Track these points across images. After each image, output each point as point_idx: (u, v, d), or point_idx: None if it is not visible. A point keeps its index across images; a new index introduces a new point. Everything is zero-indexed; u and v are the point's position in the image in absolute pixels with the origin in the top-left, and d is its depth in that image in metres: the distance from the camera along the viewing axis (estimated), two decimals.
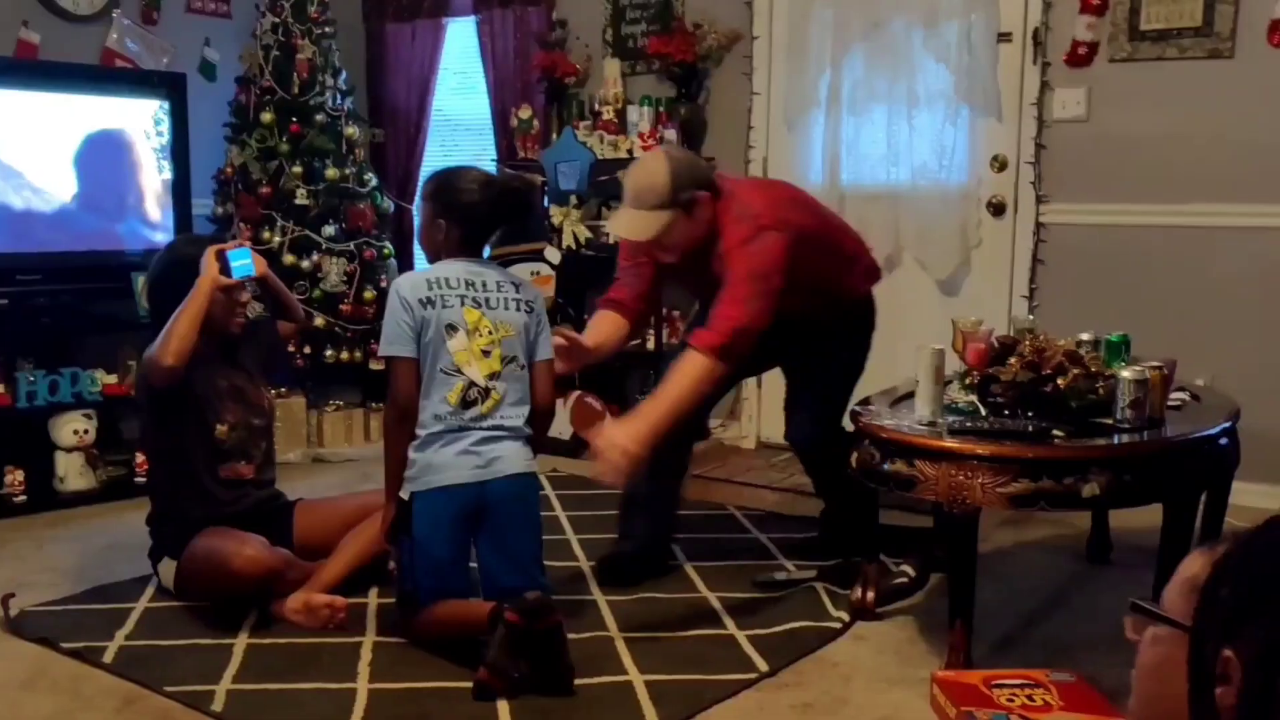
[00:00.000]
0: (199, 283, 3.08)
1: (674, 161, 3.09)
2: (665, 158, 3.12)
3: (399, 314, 2.83)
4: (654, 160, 3.13)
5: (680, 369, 2.95)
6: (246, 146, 5.02)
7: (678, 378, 2.94)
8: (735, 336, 2.94)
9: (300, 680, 2.69)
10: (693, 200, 3.06)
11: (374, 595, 3.22)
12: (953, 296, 4.61)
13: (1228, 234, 4.12)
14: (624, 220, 3.14)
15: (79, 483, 4.29)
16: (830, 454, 3.30)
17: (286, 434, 4.93)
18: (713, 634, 2.97)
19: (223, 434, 3.19)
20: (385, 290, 5.11)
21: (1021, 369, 2.76)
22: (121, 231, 4.61)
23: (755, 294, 2.97)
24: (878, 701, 2.61)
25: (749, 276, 2.99)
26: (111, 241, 4.57)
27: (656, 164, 3.09)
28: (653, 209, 3.04)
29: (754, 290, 2.98)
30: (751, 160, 4.98)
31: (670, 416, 2.88)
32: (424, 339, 2.82)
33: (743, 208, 3.09)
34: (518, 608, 2.54)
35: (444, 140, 6.01)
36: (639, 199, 3.07)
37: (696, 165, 3.19)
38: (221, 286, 3.12)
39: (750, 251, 3.00)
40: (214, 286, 3.10)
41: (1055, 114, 4.36)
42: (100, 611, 3.11)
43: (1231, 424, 2.88)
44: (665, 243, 3.10)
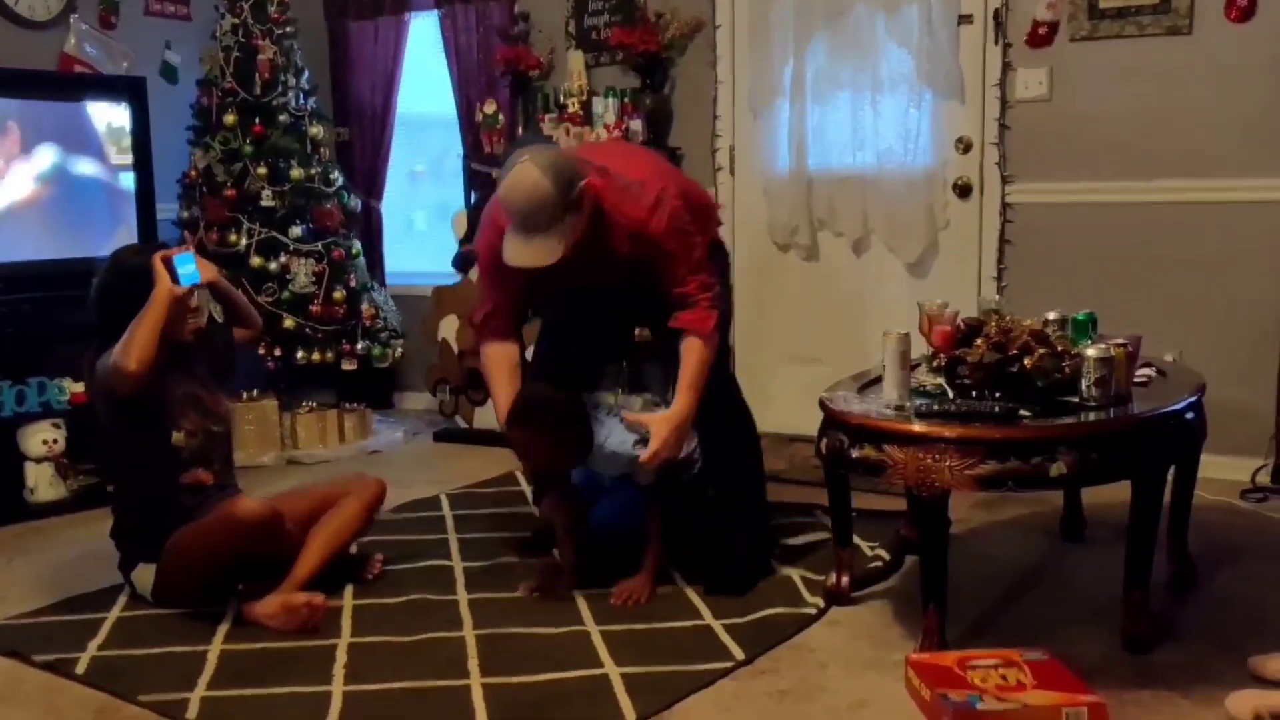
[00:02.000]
0: (155, 292, 3.05)
1: (547, 165, 2.89)
2: (538, 168, 2.87)
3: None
4: (529, 174, 2.87)
5: (695, 355, 3.05)
6: (210, 149, 4.98)
7: (696, 363, 3.06)
8: (718, 305, 3.07)
9: (275, 685, 2.67)
10: (580, 195, 2.92)
11: (348, 595, 3.21)
12: (922, 279, 4.62)
13: (1191, 209, 4.14)
14: (526, 249, 2.90)
15: (49, 493, 4.26)
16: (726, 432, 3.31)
17: (259, 437, 4.91)
18: (689, 624, 2.98)
19: (180, 441, 3.17)
20: (354, 289, 5.10)
21: (988, 350, 2.77)
22: (86, 239, 4.57)
23: (698, 261, 3.07)
24: (853, 686, 2.61)
25: (681, 247, 3.04)
26: (76, 249, 4.52)
27: (534, 176, 2.86)
28: (549, 227, 2.87)
29: (694, 258, 3.06)
30: (718, 148, 4.98)
31: (700, 395, 3.07)
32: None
33: (622, 180, 3.06)
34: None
35: (410, 137, 5.98)
36: (531, 221, 2.88)
37: (567, 159, 3.02)
38: (176, 295, 3.09)
39: (668, 230, 3.02)
40: (170, 295, 3.07)
41: (1018, 94, 4.37)
42: (72, 623, 3.08)
43: (1197, 398, 2.90)
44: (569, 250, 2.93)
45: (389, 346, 5.29)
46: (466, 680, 2.67)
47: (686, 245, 3.06)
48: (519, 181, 2.89)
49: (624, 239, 3.04)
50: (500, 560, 3.50)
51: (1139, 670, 2.62)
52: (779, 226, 4.87)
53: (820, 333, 4.82)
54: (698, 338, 3.06)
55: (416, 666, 2.75)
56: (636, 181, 3.07)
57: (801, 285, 4.87)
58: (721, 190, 4.93)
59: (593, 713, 2.49)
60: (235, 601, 3.16)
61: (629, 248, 3.04)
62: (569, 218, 2.90)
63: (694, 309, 3.06)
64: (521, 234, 2.91)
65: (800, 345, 4.81)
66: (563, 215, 2.89)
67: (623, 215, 3.02)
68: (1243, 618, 2.91)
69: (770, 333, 3.43)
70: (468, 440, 5.14)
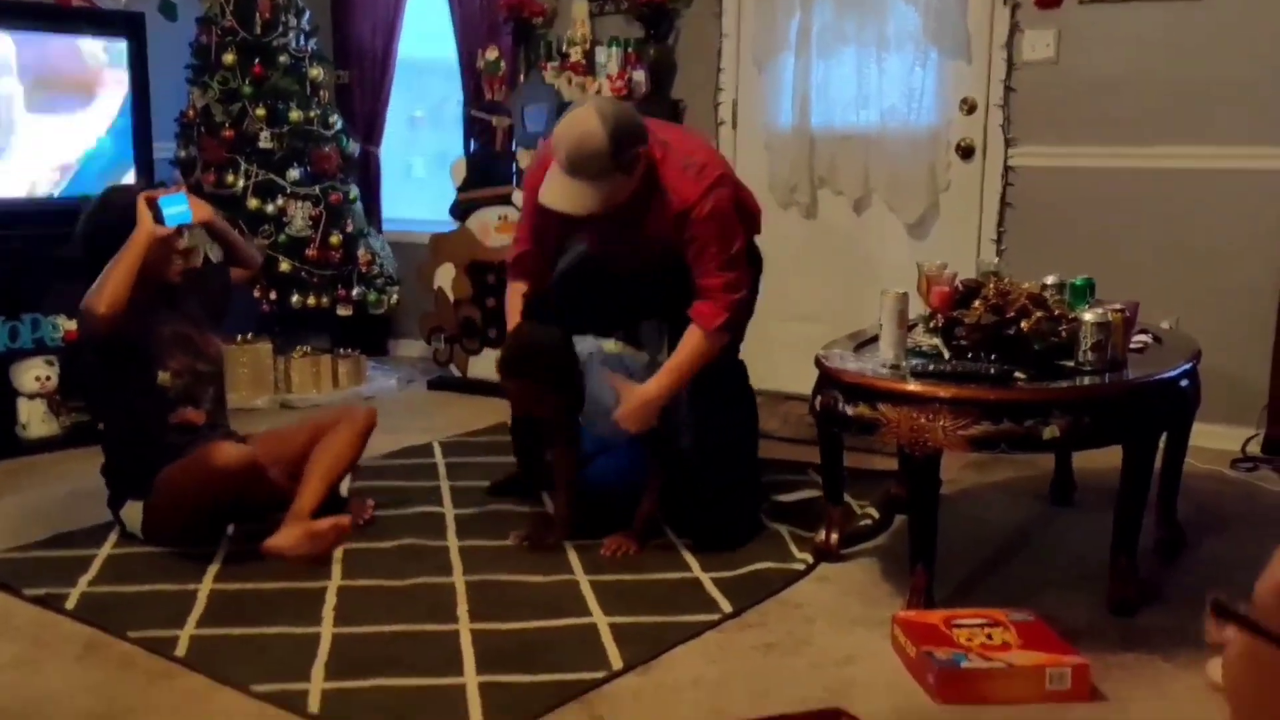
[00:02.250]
0: (134, 234, 3.03)
1: (609, 120, 2.83)
2: (599, 117, 2.83)
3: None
4: (588, 119, 2.84)
5: (691, 346, 3.03)
6: (209, 88, 4.94)
7: (689, 354, 3.03)
8: (735, 309, 3.04)
9: (264, 625, 2.69)
10: (634, 159, 2.89)
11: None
12: (921, 240, 4.61)
13: (1194, 176, 4.12)
14: (562, 192, 2.89)
15: (42, 429, 4.25)
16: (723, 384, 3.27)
17: (253, 380, 4.91)
18: (677, 577, 2.99)
19: (165, 381, 3.16)
20: (351, 234, 5.08)
21: (985, 312, 2.76)
22: (80, 175, 4.53)
23: (733, 259, 3.01)
24: (840, 642, 2.63)
25: (721, 240, 2.99)
26: (71, 186, 4.50)
27: (591, 123, 2.82)
28: (593, 178, 2.85)
29: (731, 255, 3.01)
30: (721, 103, 4.94)
31: (681, 384, 3.05)
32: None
33: (684, 158, 3.01)
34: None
35: (410, 83, 5.93)
36: (578, 166, 2.84)
37: (632, 119, 2.94)
38: (158, 237, 3.07)
39: (713, 215, 2.96)
40: (150, 238, 3.05)
41: (1024, 56, 4.33)
42: (63, 558, 3.09)
43: (1192, 366, 2.90)
44: (606, 208, 2.92)
45: (385, 293, 5.27)
46: (455, 625, 2.68)
47: (726, 238, 2.99)
48: (576, 123, 2.86)
49: (668, 217, 2.98)
50: (492, 508, 3.51)
51: (1123, 633, 2.64)
52: (779, 183, 4.85)
53: (817, 291, 4.81)
54: (700, 329, 3.03)
55: (406, 611, 2.76)
56: (697, 163, 3.01)
57: (800, 243, 4.85)
58: (723, 145, 4.90)
59: (580, 660, 2.51)
60: (227, 541, 3.18)
61: (670, 227, 2.99)
62: (616, 176, 2.87)
63: (710, 302, 3.02)
64: (563, 176, 2.89)
65: (797, 303, 4.80)
66: (610, 171, 2.85)
67: (674, 192, 2.96)
68: (1228, 585, 2.92)
69: (767, 290, 3.42)
70: (462, 389, 5.13)
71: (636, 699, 2.37)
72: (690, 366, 3.04)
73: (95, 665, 2.53)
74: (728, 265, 3.01)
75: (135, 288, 3.02)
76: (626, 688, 2.42)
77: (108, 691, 2.40)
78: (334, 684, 2.40)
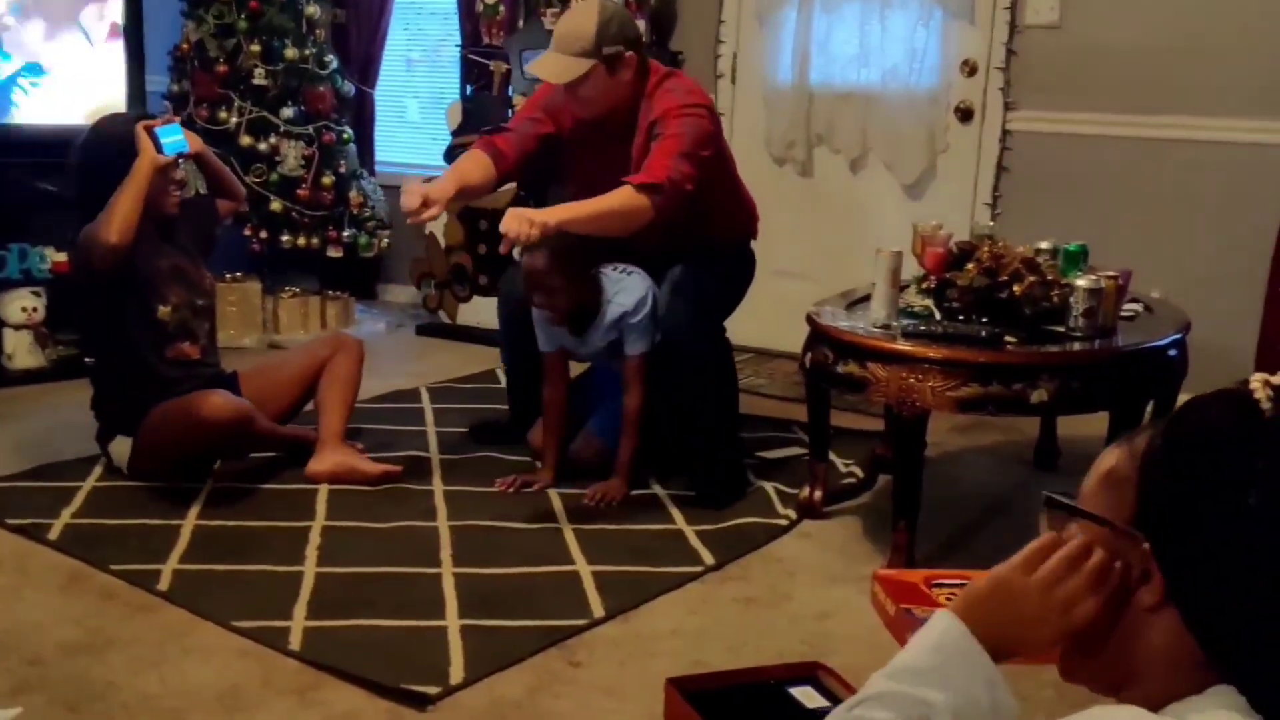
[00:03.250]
0: (138, 162, 3.01)
1: (605, 12, 3.07)
2: (598, 6, 3.08)
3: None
4: (586, 7, 3.12)
5: (607, 196, 2.94)
6: (203, 22, 4.87)
7: (605, 197, 2.94)
8: (669, 185, 2.95)
9: (247, 562, 2.70)
10: (617, 56, 3.06)
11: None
12: (917, 201, 4.59)
13: (1191, 147, 4.10)
14: (545, 62, 3.12)
15: (28, 361, 4.23)
16: (701, 350, 3.17)
17: (241, 319, 4.89)
18: (661, 528, 3.00)
19: (165, 315, 3.16)
20: (343, 176, 5.04)
21: (978, 275, 2.76)
22: (71, 105, 4.48)
23: (688, 154, 3.00)
24: (820, 597, 2.65)
25: (682, 136, 3.01)
26: (60, 115, 4.44)
27: (588, 10, 3.08)
28: (575, 55, 3.04)
29: (687, 149, 3.00)
30: (721, 55, 4.90)
31: (582, 219, 2.90)
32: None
33: (679, 83, 3.14)
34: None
35: (407, 24, 5.86)
36: (563, 43, 3.07)
37: (629, 24, 3.15)
38: (159, 165, 3.05)
39: (686, 116, 3.03)
40: (154, 165, 3.03)
41: (1028, 19, 4.30)
42: (47, 489, 3.09)
43: (1181, 336, 2.91)
44: (582, 95, 3.09)
45: (375, 236, 5.24)
46: (438, 569, 2.70)
47: (693, 138, 3.00)
48: (577, 7, 3.22)
49: (642, 131, 3.07)
50: (477, 454, 3.52)
51: None
52: (776, 139, 4.82)
53: (810, 249, 4.79)
54: (626, 185, 2.94)
55: (389, 553, 2.77)
56: (691, 94, 3.11)
57: (795, 201, 4.83)
58: (721, 99, 4.86)
59: (562, 607, 2.52)
60: (212, 478, 3.18)
61: (638, 142, 3.06)
62: (599, 68, 3.04)
63: (648, 170, 2.97)
64: (551, 50, 3.11)
65: (789, 261, 4.78)
66: (590, 54, 3.02)
67: (657, 106, 3.07)
68: None
69: (759, 247, 3.42)
70: (450, 335, 5.12)
71: (616, 646, 2.39)
72: (595, 209, 2.92)
73: (77, 596, 2.54)
74: (684, 156, 2.99)
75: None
76: (606, 635, 2.44)
77: (89, 623, 2.41)
78: (315, 622, 2.42)
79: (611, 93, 3.10)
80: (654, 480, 3.29)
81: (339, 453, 3.20)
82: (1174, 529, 0.95)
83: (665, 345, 3.16)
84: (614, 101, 3.12)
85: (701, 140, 3.04)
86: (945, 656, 1.02)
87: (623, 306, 3.13)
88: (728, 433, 3.30)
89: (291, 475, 3.23)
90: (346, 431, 3.32)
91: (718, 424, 3.25)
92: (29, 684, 2.17)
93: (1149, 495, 0.97)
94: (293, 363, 3.43)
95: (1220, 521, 0.92)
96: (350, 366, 3.34)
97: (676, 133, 3.01)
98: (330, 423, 3.24)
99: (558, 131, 3.25)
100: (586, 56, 3.03)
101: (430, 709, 2.14)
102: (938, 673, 1.01)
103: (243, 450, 3.26)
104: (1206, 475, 0.94)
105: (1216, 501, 0.93)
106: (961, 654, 1.02)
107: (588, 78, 3.06)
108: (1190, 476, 0.95)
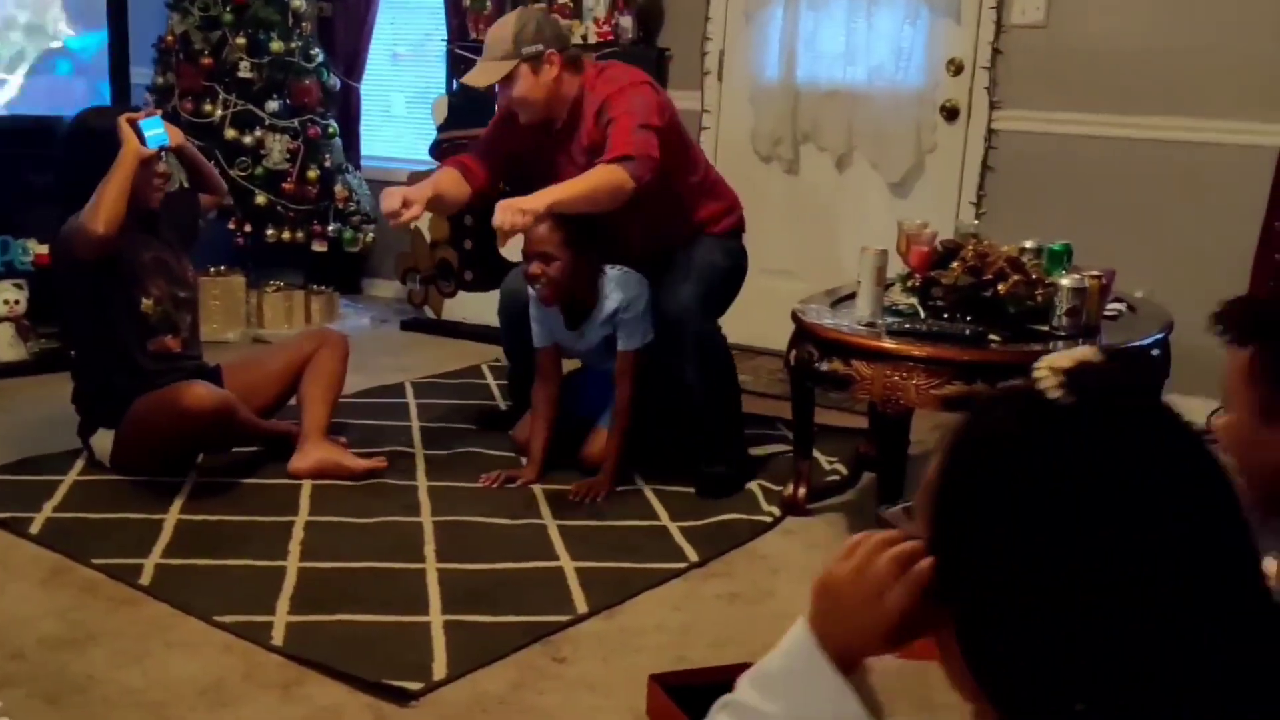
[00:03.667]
0: (123, 153, 3.00)
1: (523, 17, 3.21)
2: (518, 12, 3.26)
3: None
4: (507, 15, 3.30)
5: (587, 173, 3.04)
6: (189, 15, 4.85)
7: (584, 176, 3.05)
8: (637, 153, 3.01)
9: (230, 556, 2.69)
10: (538, 55, 3.14)
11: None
12: (903, 199, 4.60)
13: (1175, 148, 4.12)
14: (474, 70, 3.28)
15: (9, 354, 4.21)
16: (700, 335, 3.18)
17: (225, 312, 4.87)
18: (645, 524, 3.00)
19: (149, 308, 3.15)
20: (329, 170, 5.03)
21: (963, 274, 2.77)
22: (53, 97, 4.46)
23: (643, 125, 3.07)
24: (803, 594, 2.60)
25: (631, 112, 3.08)
26: (43, 106, 4.43)
27: (507, 18, 3.26)
28: (498, 59, 3.16)
29: (640, 121, 3.07)
30: (708, 52, 4.90)
31: (569, 200, 2.99)
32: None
33: (615, 70, 3.26)
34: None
35: (394, 18, 5.84)
36: (488, 50, 3.22)
37: (548, 25, 3.24)
38: (143, 157, 3.04)
39: (629, 93, 3.13)
40: (138, 157, 3.02)
41: (1014, 19, 4.31)
42: (28, 483, 3.07)
43: (1164, 335, 2.93)
44: (517, 98, 3.18)
45: (360, 231, 5.22)
46: (422, 564, 2.69)
47: (642, 111, 3.08)
48: (501, 18, 3.33)
49: (592, 117, 3.15)
50: (462, 449, 3.51)
51: None
52: (762, 137, 4.82)
53: (796, 247, 4.80)
54: (601, 162, 3.02)
55: (373, 548, 2.77)
56: (625, 74, 3.22)
57: (781, 198, 4.83)
58: (708, 95, 4.86)
59: (545, 603, 2.52)
60: (195, 471, 3.17)
61: (595, 129, 3.14)
62: (521, 67, 3.13)
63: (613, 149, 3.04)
64: (482, 58, 3.24)
65: (774, 258, 4.79)
66: (511, 55, 3.13)
67: (599, 92, 3.16)
68: None
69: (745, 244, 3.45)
70: (435, 331, 5.11)
71: (600, 642, 2.39)
72: (579, 188, 3.01)
73: (59, 590, 2.52)
74: (640, 129, 3.06)
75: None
76: (590, 631, 2.44)
77: (71, 617, 2.40)
78: (298, 617, 2.41)
79: (542, 92, 3.18)
80: (639, 476, 3.29)
81: (322, 449, 3.19)
82: (942, 539, 0.88)
83: (668, 330, 3.18)
84: (549, 100, 3.20)
85: (651, 110, 3.13)
86: (790, 664, 0.97)
87: (617, 302, 3.16)
88: (731, 423, 3.31)
89: (274, 469, 3.22)
90: (330, 427, 3.30)
91: (721, 413, 3.26)
92: (9, 678, 2.16)
93: (928, 502, 0.89)
94: (277, 357, 3.42)
95: (984, 532, 0.83)
96: (334, 362, 3.33)
97: (625, 110, 3.09)
98: (313, 417, 3.23)
99: (513, 142, 3.35)
100: (508, 59, 3.14)
101: (413, 704, 2.14)
102: (781, 682, 0.97)
103: (225, 443, 3.25)
104: (979, 481, 0.85)
105: (980, 511, 0.84)
106: (804, 661, 0.96)
107: (513, 79, 3.15)
108: (962, 485, 0.86)
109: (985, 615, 0.83)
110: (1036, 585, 0.80)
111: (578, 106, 3.22)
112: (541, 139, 3.29)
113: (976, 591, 0.84)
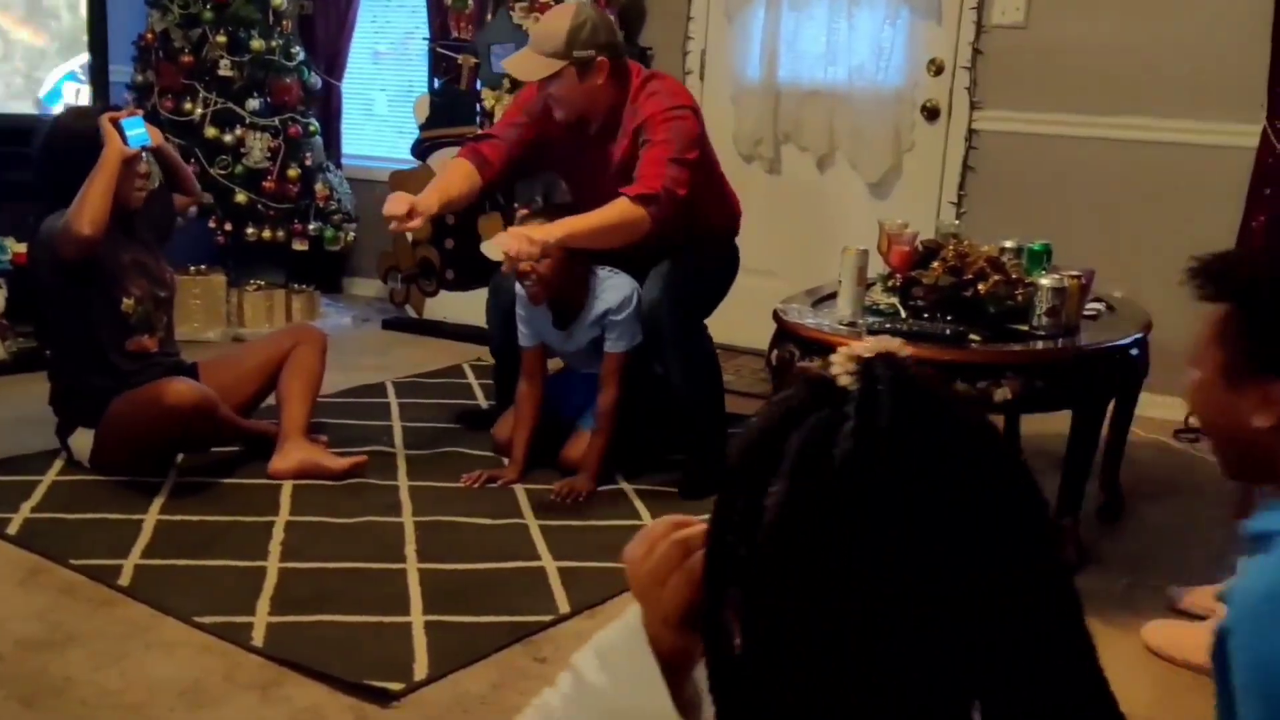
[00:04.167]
0: (106, 153, 2.98)
1: (579, 16, 3.08)
2: (576, 10, 3.10)
3: None
4: (563, 9, 3.16)
5: (606, 206, 2.99)
6: (169, 12, 4.83)
7: (603, 210, 2.99)
8: (664, 194, 2.99)
9: (210, 557, 2.68)
10: (588, 61, 3.06)
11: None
12: (883, 199, 4.61)
13: (1155, 148, 4.14)
14: (518, 59, 3.17)
15: None
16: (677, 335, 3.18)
17: (205, 311, 4.85)
18: (628, 524, 3.00)
19: (129, 308, 3.13)
20: (309, 168, 5.01)
21: (943, 273, 2.78)
22: (31, 95, 4.43)
23: (677, 159, 3.03)
24: None
25: (670, 142, 3.03)
26: (21, 104, 4.40)
27: (564, 12, 3.12)
28: (547, 55, 3.06)
29: (676, 155, 3.03)
30: (689, 52, 4.90)
31: (583, 234, 2.97)
32: None
33: (662, 85, 3.15)
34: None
35: (375, 16, 5.82)
36: (537, 42, 3.12)
37: (604, 30, 3.13)
38: (126, 157, 3.03)
39: (671, 120, 3.05)
40: (121, 156, 3.00)
41: (994, 19, 4.33)
42: (6, 484, 3.05)
43: (1143, 335, 2.94)
44: (554, 95, 3.11)
45: (341, 230, 5.21)
46: (403, 565, 2.69)
47: (680, 142, 3.03)
48: (556, 8, 3.29)
49: (630, 133, 3.09)
50: (443, 449, 3.50)
51: None
52: (744, 136, 4.83)
53: (777, 247, 4.80)
54: (623, 197, 2.98)
55: (354, 548, 2.76)
56: (670, 91, 3.14)
57: (762, 198, 4.82)
58: None
59: (527, 602, 2.52)
60: (174, 471, 3.16)
61: (631, 145, 3.08)
62: (565, 66, 3.05)
63: (642, 180, 3.01)
64: (526, 47, 3.18)
65: (755, 258, 4.76)
66: (562, 55, 3.04)
67: (641, 110, 3.08)
68: (1166, 552, 2.99)
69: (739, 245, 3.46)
70: (416, 330, 5.10)
71: (581, 642, 2.36)
72: (595, 224, 2.98)
73: (37, 591, 2.51)
74: (674, 162, 3.03)
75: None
76: (572, 631, 2.44)
77: (50, 618, 2.39)
78: (278, 618, 2.40)
79: (583, 96, 3.11)
80: (620, 476, 3.29)
81: (302, 449, 3.18)
82: (723, 515, 0.83)
83: (648, 336, 3.18)
84: (587, 104, 3.13)
85: (689, 143, 3.07)
86: (620, 638, 0.93)
87: (607, 303, 3.15)
88: (714, 424, 3.31)
89: (254, 469, 3.21)
90: (310, 425, 3.29)
91: (704, 415, 3.27)
92: None
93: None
94: (254, 353, 3.41)
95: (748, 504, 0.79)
96: (313, 358, 3.32)
97: (664, 139, 3.03)
98: (292, 415, 3.21)
99: (542, 135, 3.26)
100: (557, 57, 3.05)
101: (394, 705, 2.13)
102: (610, 655, 0.93)
103: (206, 442, 3.23)
104: (749, 459, 0.81)
105: (741, 485, 0.80)
106: (629, 638, 0.91)
107: (556, 78, 3.08)
108: (740, 481, 0.82)
109: (757, 603, 0.79)
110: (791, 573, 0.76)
111: (616, 114, 3.16)
112: (570, 134, 3.23)
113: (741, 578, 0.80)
